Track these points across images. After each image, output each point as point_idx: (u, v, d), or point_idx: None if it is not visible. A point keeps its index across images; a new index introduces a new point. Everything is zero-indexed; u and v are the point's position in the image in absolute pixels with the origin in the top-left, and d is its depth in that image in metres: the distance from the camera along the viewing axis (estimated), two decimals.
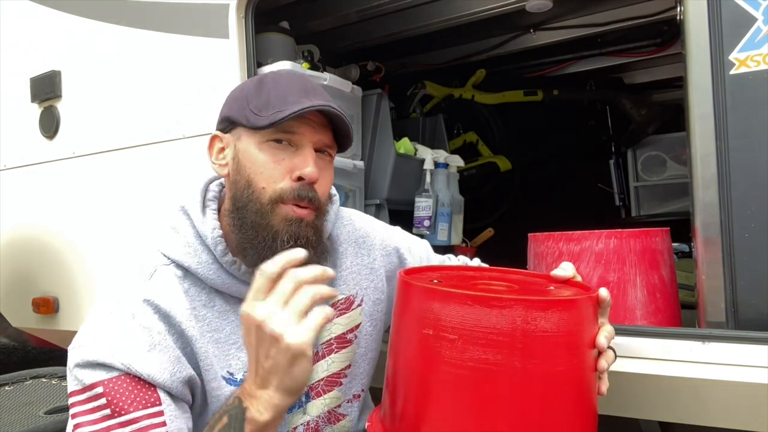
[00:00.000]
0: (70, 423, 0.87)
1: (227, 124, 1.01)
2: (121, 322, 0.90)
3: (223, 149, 1.01)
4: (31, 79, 2.14)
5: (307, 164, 0.94)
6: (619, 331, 1.10)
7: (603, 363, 0.86)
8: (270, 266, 0.79)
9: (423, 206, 2.09)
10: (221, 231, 0.98)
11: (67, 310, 2.10)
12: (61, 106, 2.09)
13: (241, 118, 0.97)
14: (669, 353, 1.17)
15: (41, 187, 2.16)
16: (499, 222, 2.89)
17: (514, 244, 1.68)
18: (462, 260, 1.40)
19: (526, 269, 1.49)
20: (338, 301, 1.11)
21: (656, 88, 3.00)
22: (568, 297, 0.86)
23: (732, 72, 1.15)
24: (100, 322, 0.91)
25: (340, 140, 1.03)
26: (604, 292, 0.88)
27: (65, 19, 2.07)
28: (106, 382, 0.85)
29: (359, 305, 1.13)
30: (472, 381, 0.78)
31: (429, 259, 1.30)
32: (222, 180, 1.05)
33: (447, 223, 2.15)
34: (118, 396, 0.85)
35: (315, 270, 0.80)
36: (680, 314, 1.40)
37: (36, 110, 2.15)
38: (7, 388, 1.66)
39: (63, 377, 1.73)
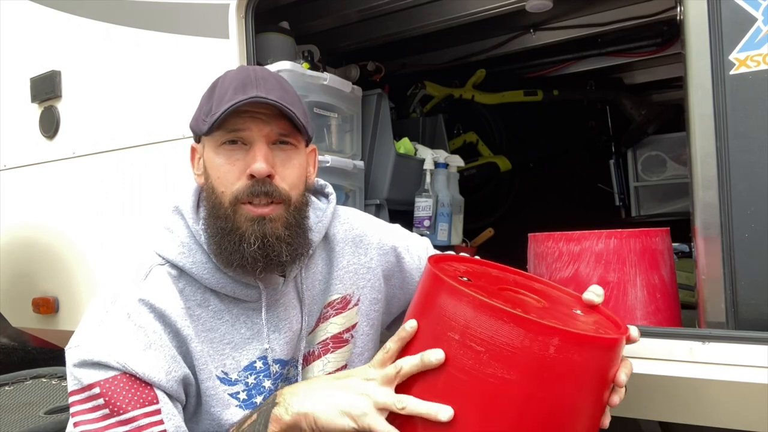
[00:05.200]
0: (71, 421, 0.87)
1: (194, 134, 1.02)
2: (116, 321, 0.90)
3: (199, 159, 1.02)
4: (31, 79, 2.14)
5: (255, 160, 0.93)
6: None
7: (616, 399, 0.85)
8: (408, 365, 0.81)
9: (423, 206, 2.09)
10: None
11: (67, 310, 2.10)
12: (61, 106, 2.09)
13: (196, 127, 0.99)
14: (669, 353, 1.17)
15: (41, 187, 2.16)
16: (499, 222, 2.89)
17: (514, 244, 1.68)
18: None
19: (527, 270, 1.49)
20: (335, 300, 1.11)
21: (656, 88, 3.00)
22: (607, 336, 0.83)
23: (732, 72, 1.15)
24: (96, 322, 0.91)
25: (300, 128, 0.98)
26: (635, 332, 0.87)
27: (65, 19, 2.07)
28: (102, 382, 0.86)
29: (356, 305, 1.13)
30: (487, 396, 0.77)
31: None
32: None
33: (447, 223, 2.15)
34: (115, 395, 0.85)
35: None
36: (680, 314, 1.40)
37: (36, 110, 2.15)
38: (7, 388, 1.66)
39: (63, 377, 1.73)
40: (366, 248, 1.16)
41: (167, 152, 1.81)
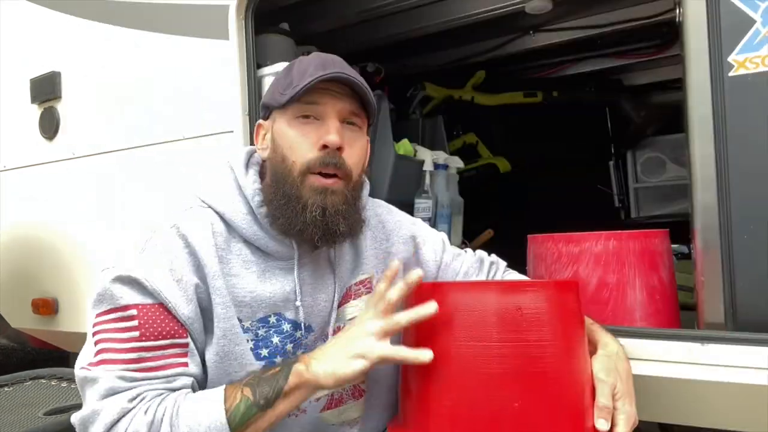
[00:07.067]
0: (90, 340, 0.92)
1: (264, 110, 1.09)
2: (153, 252, 0.97)
3: (265, 135, 1.08)
4: (31, 80, 2.14)
5: (329, 132, 0.99)
6: (619, 333, 1.11)
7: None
8: (396, 292, 0.95)
9: (422, 207, 2.09)
10: (260, 186, 1.04)
11: (66, 311, 2.10)
12: (61, 107, 2.09)
13: (272, 101, 1.05)
14: (668, 355, 1.18)
15: (41, 187, 2.16)
16: (499, 223, 2.88)
17: (514, 245, 1.68)
18: (479, 255, 1.37)
19: (526, 270, 1.49)
20: (365, 279, 1.15)
21: (656, 90, 3.00)
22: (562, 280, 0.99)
23: (731, 74, 1.15)
24: (134, 250, 0.98)
25: (368, 109, 1.06)
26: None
27: (65, 20, 2.07)
28: (141, 306, 0.92)
29: None
30: (470, 361, 0.90)
31: (444, 251, 1.29)
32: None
33: (446, 225, 2.15)
34: (149, 322, 0.91)
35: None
36: (679, 316, 1.40)
37: (36, 111, 2.15)
38: (6, 389, 1.65)
39: (63, 378, 1.72)
40: (387, 235, 1.21)
41: (167, 152, 1.81)
